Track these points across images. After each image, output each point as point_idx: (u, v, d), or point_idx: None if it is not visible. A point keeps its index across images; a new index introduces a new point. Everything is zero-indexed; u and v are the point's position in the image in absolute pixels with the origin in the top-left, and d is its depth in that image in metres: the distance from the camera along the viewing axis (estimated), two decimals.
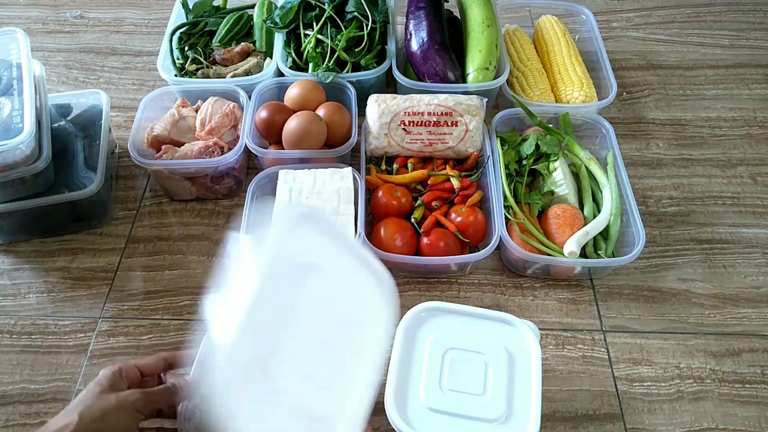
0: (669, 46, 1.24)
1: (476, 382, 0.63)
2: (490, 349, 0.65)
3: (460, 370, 0.63)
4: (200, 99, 0.99)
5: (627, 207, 0.86)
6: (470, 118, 0.91)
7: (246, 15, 1.14)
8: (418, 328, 0.67)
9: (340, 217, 0.82)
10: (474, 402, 0.61)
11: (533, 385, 0.63)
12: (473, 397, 0.62)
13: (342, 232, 0.60)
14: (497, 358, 0.64)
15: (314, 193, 0.85)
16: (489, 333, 0.67)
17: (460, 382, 0.63)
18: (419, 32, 1.02)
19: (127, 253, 0.90)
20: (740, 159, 1.03)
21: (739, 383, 0.77)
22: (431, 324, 0.67)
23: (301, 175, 0.87)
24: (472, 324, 0.68)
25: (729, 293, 0.86)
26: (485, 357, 0.64)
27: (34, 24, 1.28)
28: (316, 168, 0.89)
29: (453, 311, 0.68)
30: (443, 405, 0.61)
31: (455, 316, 0.68)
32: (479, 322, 0.68)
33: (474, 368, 0.64)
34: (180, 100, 0.99)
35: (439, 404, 0.61)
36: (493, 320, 0.68)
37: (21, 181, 0.81)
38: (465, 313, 0.68)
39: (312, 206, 0.59)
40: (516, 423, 0.60)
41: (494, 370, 0.63)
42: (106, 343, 0.80)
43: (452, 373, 0.63)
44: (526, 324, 0.67)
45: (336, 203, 0.84)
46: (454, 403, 0.61)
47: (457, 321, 0.68)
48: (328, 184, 0.86)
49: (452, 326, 0.67)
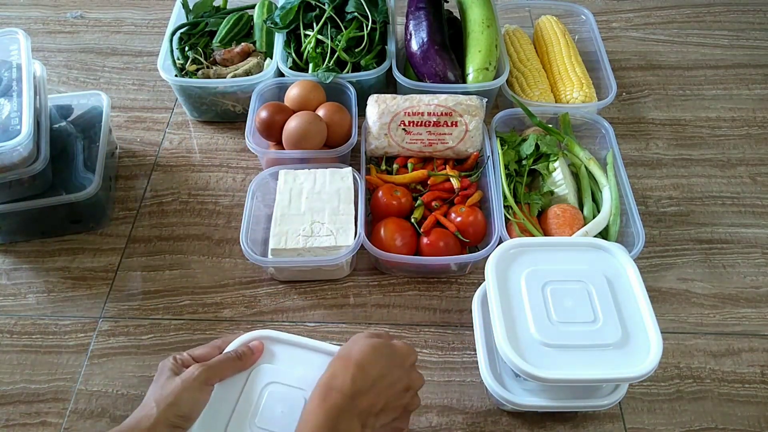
0: (668, 47, 1.24)
1: (584, 310, 0.62)
2: (587, 276, 0.65)
3: (564, 301, 0.63)
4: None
5: (626, 207, 0.86)
6: (470, 118, 0.91)
7: (246, 15, 1.14)
8: (508, 267, 0.66)
9: (340, 217, 0.82)
10: (588, 330, 0.61)
11: (642, 305, 0.62)
12: (586, 326, 0.61)
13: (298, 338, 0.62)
14: (597, 284, 0.64)
15: (314, 193, 0.85)
16: (581, 261, 0.67)
17: (568, 313, 0.62)
18: (419, 32, 1.02)
19: (128, 253, 0.90)
20: (740, 159, 1.03)
21: (738, 383, 0.77)
22: (521, 261, 0.67)
23: (302, 175, 0.87)
24: (561, 255, 0.67)
25: (728, 293, 0.86)
26: (585, 285, 0.64)
27: (35, 24, 1.28)
28: (316, 168, 0.89)
29: (540, 244, 0.68)
30: (557, 338, 0.61)
31: (543, 249, 0.68)
32: (567, 252, 0.68)
33: (577, 297, 0.63)
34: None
35: (553, 338, 0.61)
36: (581, 248, 0.68)
37: (19, 183, 0.81)
38: (553, 244, 0.68)
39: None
40: (637, 343, 0.60)
41: (598, 296, 0.63)
42: (106, 343, 0.80)
43: (557, 306, 0.63)
44: (616, 246, 0.67)
45: (336, 203, 0.84)
46: (568, 335, 0.61)
47: (546, 254, 0.67)
48: (329, 184, 0.86)
49: (542, 260, 0.67)
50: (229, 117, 1.07)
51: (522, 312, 0.63)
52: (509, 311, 0.63)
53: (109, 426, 0.73)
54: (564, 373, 0.59)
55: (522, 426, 0.73)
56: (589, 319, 0.62)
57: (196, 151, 1.04)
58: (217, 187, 0.99)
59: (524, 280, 0.65)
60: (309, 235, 0.81)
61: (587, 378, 0.59)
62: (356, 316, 0.83)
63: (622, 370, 0.59)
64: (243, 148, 1.04)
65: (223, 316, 0.83)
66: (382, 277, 0.87)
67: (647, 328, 0.61)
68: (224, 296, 0.85)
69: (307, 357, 0.61)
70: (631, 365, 0.59)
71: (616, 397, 0.67)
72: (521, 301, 0.64)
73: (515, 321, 0.62)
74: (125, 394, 0.76)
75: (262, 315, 0.83)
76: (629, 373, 0.59)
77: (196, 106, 1.06)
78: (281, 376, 0.59)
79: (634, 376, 0.59)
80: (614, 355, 0.60)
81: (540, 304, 0.63)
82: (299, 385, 0.58)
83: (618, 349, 0.60)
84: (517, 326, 0.62)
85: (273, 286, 0.86)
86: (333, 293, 0.85)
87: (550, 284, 0.64)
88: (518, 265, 0.67)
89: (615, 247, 0.67)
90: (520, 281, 0.65)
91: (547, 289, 0.64)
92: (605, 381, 0.63)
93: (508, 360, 0.59)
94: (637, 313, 0.63)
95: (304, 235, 0.81)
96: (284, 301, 0.85)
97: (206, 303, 0.84)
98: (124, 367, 0.78)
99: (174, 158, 1.03)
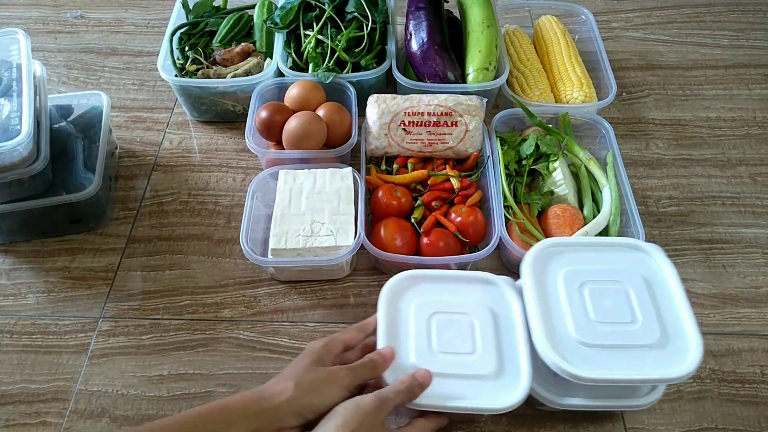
0: (669, 47, 1.24)
1: (622, 310, 0.62)
2: (624, 276, 0.65)
3: (602, 301, 0.63)
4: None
5: (626, 207, 0.86)
6: (470, 118, 0.91)
7: (246, 15, 1.14)
8: (545, 266, 0.67)
9: (340, 216, 0.82)
10: (626, 330, 0.61)
11: (680, 305, 0.63)
12: (624, 326, 0.62)
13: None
14: (635, 284, 0.64)
15: (314, 193, 0.85)
16: (617, 261, 0.67)
17: (606, 313, 0.62)
18: (419, 32, 1.02)
19: (128, 253, 0.90)
20: (740, 159, 1.03)
21: (738, 383, 0.77)
22: (557, 261, 0.67)
23: (302, 175, 0.87)
24: (597, 255, 0.68)
25: (728, 293, 0.86)
26: (623, 285, 0.64)
27: (35, 24, 1.28)
28: (316, 168, 0.89)
29: (577, 244, 0.69)
30: (596, 338, 0.61)
31: (579, 249, 0.69)
32: (604, 252, 0.68)
33: (615, 297, 0.64)
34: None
35: (591, 338, 0.61)
36: (617, 248, 0.68)
37: (18, 183, 0.81)
38: (589, 244, 0.69)
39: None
40: (676, 344, 0.60)
41: (636, 296, 0.63)
42: (106, 343, 0.80)
43: (596, 306, 0.63)
44: (654, 247, 0.67)
45: (336, 203, 0.84)
46: (606, 335, 0.61)
47: (582, 254, 0.68)
48: (328, 184, 0.86)
49: (578, 260, 0.67)
50: (229, 117, 1.07)
51: (559, 311, 0.63)
52: (546, 310, 0.63)
53: (109, 426, 0.73)
54: (604, 373, 0.59)
55: (522, 426, 0.73)
56: (628, 319, 0.62)
57: (196, 151, 1.04)
58: (217, 187, 0.99)
59: (561, 280, 0.65)
60: (309, 235, 0.81)
61: (628, 378, 0.59)
62: (356, 316, 0.83)
63: (663, 370, 0.59)
64: (243, 148, 1.04)
65: (223, 316, 0.83)
66: (382, 277, 0.87)
67: (686, 329, 0.61)
68: (224, 296, 0.85)
69: (453, 287, 0.69)
70: (671, 366, 0.59)
71: (654, 398, 0.66)
72: (558, 301, 0.64)
73: (553, 320, 0.63)
74: (125, 394, 0.76)
75: (262, 315, 0.83)
76: (670, 374, 0.59)
77: (196, 106, 1.06)
78: (440, 306, 0.67)
79: (675, 377, 0.59)
80: (653, 356, 0.60)
81: (578, 304, 0.63)
82: (459, 310, 0.67)
83: (657, 350, 0.60)
84: (555, 325, 0.62)
85: (273, 286, 0.86)
86: (333, 293, 0.85)
87: (587, 284, 0.65)
88: (555, 265, 0.67)
89: (652, 247, 0.68)
90: (557, 281, 0.65)
91: (584, 289, 0.64)
92: (646, 381, 0.63)
93: (546, 359, 0.60)
94: (675, 314, 0.63)
95: (304, 235, 0.81)
96: (284, 301, 0.85)
97: (206, 303, 0.84)
98: (124, 367, 0.78)
99: (174, 158, 1.03)
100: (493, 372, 0.63)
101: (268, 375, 0.77)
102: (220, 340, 0.81)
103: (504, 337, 0.65)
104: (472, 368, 0.63)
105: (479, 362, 0.63)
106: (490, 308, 0.68)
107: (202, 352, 0.80)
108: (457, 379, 0.62)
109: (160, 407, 0.75)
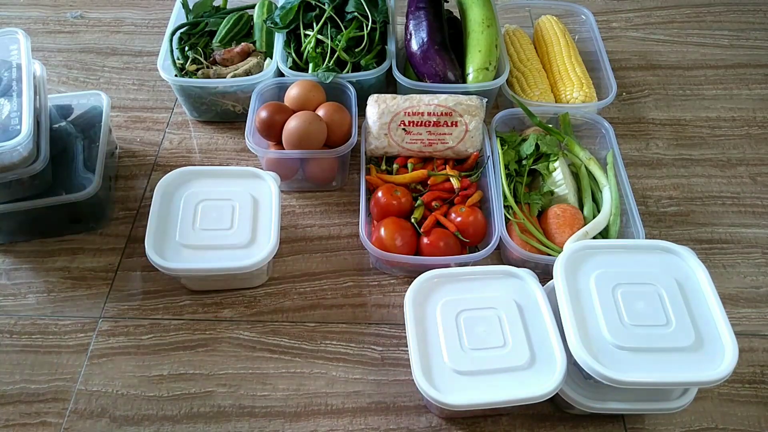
0: (669, 47, 1.24)
1: (656, 313, 0.63)
2: (657, 279, 0.65)
3: (635, 304, 0.63)
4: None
5: (627, 207, 0.86)
6: (470, 118, 0.91)
7: (246, 15, 1.14)
8: (577, 269, 0.67)
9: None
10: (660, 333, 0.61)
11: (714, 308, 0.63)
12: (658, 329, 0.62)
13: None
14: (668, 287, 0.64)
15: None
16: (650, 264, 0.67)
17: (640, 316, 0.62)
18: (419, 32, 1.02)
19: (128, 253, 0.90)
20: (740, 159, 1.03)
21: (738, 383, 0.77)
22: (590, 263, 0.67)
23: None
24: (629, 258, 0.68)
25: (729, 293, 0.86)
26: (656, 288, 0.65)
27: (34, 24, 1.28)
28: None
29: (608, 246, 0.69)
30: (630, 341, 0.61)
31: (610, 252, 0.68)
32: (636, 255, 0.68)
33: (649, 300, 0.64)
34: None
35: (625, 341, 0.61)
36: (649, 251, 0.68)
37: (18, 183, 0.81)
38: (621, 246, 0.69)
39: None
40: (711, 347, 0.60)
41: (669, 299, 0.63)
42: (106, 343, 0.80)
43: (629, 308, 0.63)
44: (686, 249, 0.67)
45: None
46: (640, 338, 0.61)
47: (614, 257, 0.68)
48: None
49: (610, 262, 0.67)
50: (229, 117, 1.07)
51: (593, 314, 0.63)
52: (580, 313, 0.63)
53: (109, 426, 0.73)
54: (640, 376, 0.59)
55: (522, 426, 0.73)
56: (662, 321, 0.62)
57: (196, 151, 1.04)
58: None
59: (594, 282, 0.65)
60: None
61: (665, 381, 0.59)
62: (356, 316, 0.83)
63: (699, 373, 0.59)
64: (243, 148, 1.04)
65: (223, 316, 0.83)
66: (382, 277, 0.87)
67: (721, 332, 0.61)
68: (224, 296, 0.85)
69: (475, 284, 0.70)
70: (707, 369, 0.59)
71: (686, 401, 0.66)
72: (592, 304, 0.64)
73: (587, 323, 0.63)
74: (125, 394, 0.76)
75: (262, 315, 0.83)
76: (707, 377, 0.59)
77: (196, 106, 1.06)
78: (465, 304, 0.68)
79: (711, 380, 0.59)
80: (689, 359, 0.60)
81: (611, 307, 0.63)
82: (485, 305, 0.68)
83: (692, 353, 0.60)
84: (589, 328, 0.62)
85: (273, 286, 0.86)
86: (333, 293, 0.85)
87: (620, 287, 0.65)
88: (587, 267, 0.67)
89: (684, 249, 0.68)
90: (590, 283, 0.65)
91: (617, 292, 0.64)
92: (682, 384, 0.63)
93: (582, 362, 0.60)
94: (709, 317, 0.63)
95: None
96: (284, 301, 0.85)
97: (206, 303, 0.84)
98: (124, 367, 0.78)
99: (174, 158, 1.03)
100: (527, 362, 0.63)
101: (268, 375, 0.77)
102: (219, 340, 0.81)
103: (532, 326, 0.66)
104: (506, 361, 0.63)
105: (512, 354, 0.64)
106: (515, 300, 0.68)
107: (201, 352, 0.80)
108: (493, 374, 0.63)
109: (160, 407, 0.75)
